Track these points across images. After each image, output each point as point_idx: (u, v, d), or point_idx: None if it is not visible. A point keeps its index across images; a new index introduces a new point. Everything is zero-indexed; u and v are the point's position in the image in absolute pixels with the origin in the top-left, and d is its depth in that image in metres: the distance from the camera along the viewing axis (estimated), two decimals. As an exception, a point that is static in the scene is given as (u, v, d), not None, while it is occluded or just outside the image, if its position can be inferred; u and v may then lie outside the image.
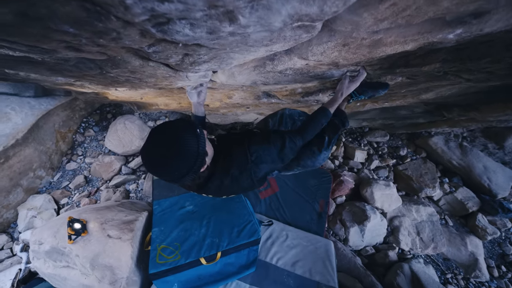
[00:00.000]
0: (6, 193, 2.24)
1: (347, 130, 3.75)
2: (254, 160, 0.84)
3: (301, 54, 0.70)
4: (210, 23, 0.39)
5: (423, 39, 0.59)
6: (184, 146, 0.62)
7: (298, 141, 0.93)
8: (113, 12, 0.34)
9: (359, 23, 0.50)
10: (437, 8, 0.45)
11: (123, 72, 0.72)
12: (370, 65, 0.86)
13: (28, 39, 0.39)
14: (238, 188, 0.93)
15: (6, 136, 2.19)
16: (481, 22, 0.52)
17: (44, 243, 1.54)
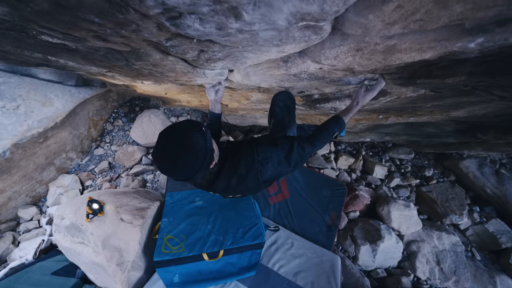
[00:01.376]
0: (41, 170, 2.49)
1: (368, 144, 3.59)
2: (261, 160, 0.84)
3: (314, 58, 0.70)
4: (217, 18, 0.42)
5: (441, 47, 0.55)
6: (193, 143, 0.64)
7: (307, 148, 0.91)
8: (131, 4, 0.38)
9: (367, 26, 0.49)
10: (450, 13, 0.42)
11: (146, 65, 0.78)
12: (388, 74, 0.83)
13: (62, 26, 0.45)
14: (245, 188, 0.93)
15: (47, 118, 2.44)
16: (506, 31, 0.48)
17: (65, 219, 1.68)
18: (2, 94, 2.28)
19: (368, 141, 3.34)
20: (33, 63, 0.94)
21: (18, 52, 0.74)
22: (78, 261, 1.69)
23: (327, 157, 3.27)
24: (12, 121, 2.24)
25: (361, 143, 3.56)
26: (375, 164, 3.15)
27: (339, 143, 3.54)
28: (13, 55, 0.77)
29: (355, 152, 3.48)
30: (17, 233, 2.25)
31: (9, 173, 2.23)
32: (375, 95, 0.93)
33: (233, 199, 2.14)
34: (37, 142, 2.39)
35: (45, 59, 0.82)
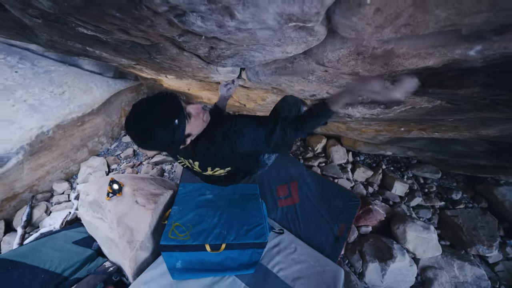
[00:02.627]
0: (76, 150, 2.79)
1: (390, 158, 3.41)
2: (237, 130, 0.84)
3: (317, 60, 0.72)
4: (215, 16, 0.47)
5: (440, 54, 0.53)
6: (155, 134, 0.67)
7: (290, 133, 0.88)
8: (143, 2, 0.45)
9: (357, 28, 0.49)
10: (434, 18, 0.41)
11: (165, 59, 0.87)
12: (397, 81, 0.81)
13: (92, 19, 0.55)
14: (222, 157, 0.92)
15: (86, 105, 2.74)
16: (504, 39, 0.45)
17: (89, 195, 1.86)
18: (52, 80, 2.60)
19: (389, 154, 3.17)
20: (75, 53, 1.09)
21: (63, 42, 0.88)
22: (95, 234, 1.86)
23: (344, 167, 3.18)
24: (57, 105, 2.54)
25: (382, 156, 3.39)
26: (395, 180, 2.98)
27: (358, 154, 3.41)
28: (59, 45, 0.91)
29: (374, 165, 3.33)
30: (50, 203, 2.54)
31: (49, 150, 2.53)
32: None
33: (241, 197, 2.19)
34: (76, 125, 2.68)
35: (84, 49, 0.95)
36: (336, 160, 3.19)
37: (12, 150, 2.25)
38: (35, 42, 0.99)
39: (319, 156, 3.27)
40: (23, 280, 1.50)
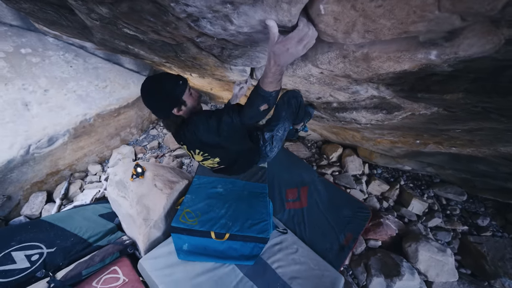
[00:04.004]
0: (110, 138, 3.16)
1: (410, 174, 3.26)
2: (195, 120, 0.97)
3: (312, 61, 0.82)
4: (220, 22, 0.61)
5: (408, 58, 0.60)
6: (164, 86, 0.88)
7: (235, 118, 0.90)
8: (170, 10, 0.60)
9: (328, 33, 0.59)
10: (382, 26, 0.49)
11: (188, 57, 1.05)
12: (389, 85, 0.87)
13: (134, 22, 0.73)
14: (199, 140, 1.01)
15: (123, 99, 3.11)
16: (453, 45, 0.51)
17: (117, 175, 2.13)
18: (98, 75, 3.02)
19: (408, 170, 3.06)
20: (119, 50, 1.33)
21: (111, 40, 1.10)
22: (118, 211, 2.10)
23: (358, 178, 3.13)
24: (100, 96, 2.94)
25: (401, 172, 3.27)
26: (413, 197, 2.86)
27: (375, 167, 3.33)
28: (108, 42, 1.14)
29: (392, 179, 3.22)
30: (84, 182, 2.90)
31: (89, 135, 2.92)
32: (296, 50, 0.63)
33: (249, 195, 2.31)
34: (112, 115, 3.05)
35: (126, 47, 1.17)
36: (350, 170, 3.16)
37: (60, 132, 2.65)
38: (90, 40, 1.24)
39: (333, 164, 3.27)
40: (56, 240, 1.77)
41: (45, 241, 1.73)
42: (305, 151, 3.40)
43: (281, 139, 1.34)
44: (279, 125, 1.27)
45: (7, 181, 2.45)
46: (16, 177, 2.50)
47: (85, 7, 0.71)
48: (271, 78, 0.72)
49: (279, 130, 1.28)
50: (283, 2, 0.49)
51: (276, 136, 1.30)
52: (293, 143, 3.43)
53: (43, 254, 1.66)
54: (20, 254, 1.61)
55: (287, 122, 1.26)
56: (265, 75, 0.72)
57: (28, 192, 2.63)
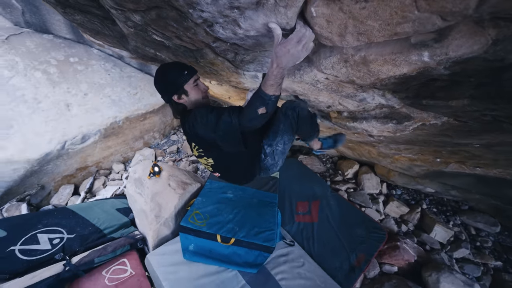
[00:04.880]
0: (134, 140, 3.41)
1: (434, 198, 3.04)
2: (195, 113, 1.00)
3: (317, 66, 0.87)
4: (230, 26, 0.69)
5: (402, 60, 0.62)
6: (167, 73, 0.96)
7: (234, 118, 0.91)
8: (189, 16, 0.71)
9: (326, 36, 0.64)
10: (371, 27, 0.53)
11: (206, 63, 1.16)
12: (395, 92, 0.88)
13: (161, 28, 0.85)
14: (193, 130, 1.03)
15: (150, 105, 3.38)
16: (443, 46, 0.52)
17: (136, 173, 2.28)
18: (131, 83, 3.34)
19: (431, 192, 2.86)
20: (149, 57, 1.51)
21: (143, 48, 1.27)
22: (133, 206, 2.23)
23: (375, 198, 2.99)
24: (130, 102, 3.23)
25: (424, 195, 3.06)
26: (436, 223, 2.65)
27: (394, 187, 3.17)
28: (140, 50, 1.31)
29: (413, 202, 3.02)
30: (107, 179, 3.12)
31: (116, 136, 3.19)
32: (296, 51, 0.68)
33: (258, 203, 2.32)
34: (139, 119, 3.32)
35: (154, 54, 1.33)
36: (367, 188, 3.04)
37: (93, 131, 2.93)
38: (126, 48, 1.43)
39: (348, 181, 3.17)
40: (76, 227, 1.91)
41: (66, 227, 1.88)
42: (320, 166, 3.35)
43: (283, 153, 1.28)
44: (277, 138, 1.22)
45: (43, 172, 2.73)
46: (51, 169, 2.78)
47: (123, 16, 0.86)
48: (272, 80, 0.76)
49: (279, 144, 1.23)
50: (280, 6, 0.57)
51: (277, 150, 1.25)
52: (307, 156, 3.41)
53: (63, 239, 1.80)
54: (44, 237, 1.77)
55: (286, 135, 1.20)
56: (267, 77, 0.76)
57: (59, 183, 2.90)
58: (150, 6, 0.72)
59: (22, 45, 2.95)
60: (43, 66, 2.95)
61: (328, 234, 2.41)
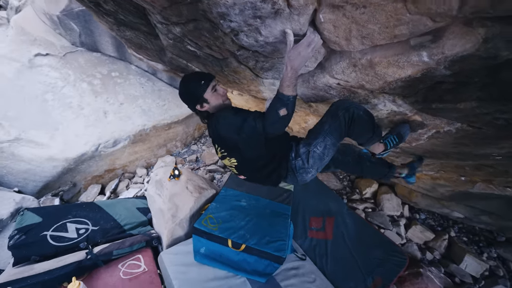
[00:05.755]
0: (158, 147, 3.66)
1: (464, 226, 2.80)
2: (217, 116, 1.09)
3: (329, 72, 0.96)
4: (252, 34, 0.82)
5: (404, 61, 0.67)
6: (188, 86, 1.09)
7: (258, 124, 0.95)
8: (219, 26, 0.86)
9: (333, 41, 0.72)
10: (372, 30, 0.60)
11: (230, 71, 1.31)
12: (404, 96, 0.92)
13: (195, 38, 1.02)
14: (215, 132, 1.12)
15: (175, 116, 3.66)
16: (439, 46, 0.57)
17: (158, 175, 2.45)
18: (161, 96, 3.68)
19: (459, 218, 2.65)
20: (180, 69, 1.72)
21: (177, 59, 1.47)
22: (152, 207, 2.36)
23: (395, 220, 2.84)
24: (158, 112, 3.53)
25: (452, 222, 2.84)
26: (467, 253, 2.42)
27: (417, 211, 2.99)
28: (174, 61, 1.51)
29: (439, 228, 2.81)
30: (130, 182, 3.34)
31: (143, 142, 3.45)
32: (306, 53, 0.78)
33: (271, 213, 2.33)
34: (164, 129, 3.59)
35: (186, 65, 1.53)
36: (386, 209, 2.90)
37: (123, 136, 3.22)
38: (163, 60, 1.66)
39: (366, 200, 3.06)
40: (100, 221, 2.06)
41: (92, 220, 2.04)
42: (336, 183, 3.29)
43: (321, 158, 1.13)
44: (318, 139, 1.10)
45: (76, 171, 3.01)
46: (84, 169, 3.07)
47: (166, 29, 1.04)
48: (288, 81, 0.84)
49: (318, 145, 1.10)
50: (294, 14, 0.69)
51: (314, 152, 1.11)
52: (323, 172, 3.38)
53: (88, 229, 1.95)
54: (72, 226, 1.93)
55: (329, 138, 1.08)
56: (283, 79, 0.85)
57: (88, 183, 3.16)
58: (189, 19, 0.89)
59: (75, 61, 3.45)
60: (89, 78, 3.40)
61: (343, 253, 2.31)
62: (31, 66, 3.09)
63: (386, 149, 1.25)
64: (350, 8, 0.60)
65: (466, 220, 2.68)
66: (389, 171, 1.54)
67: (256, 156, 1.15)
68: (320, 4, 0.64)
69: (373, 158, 1.48)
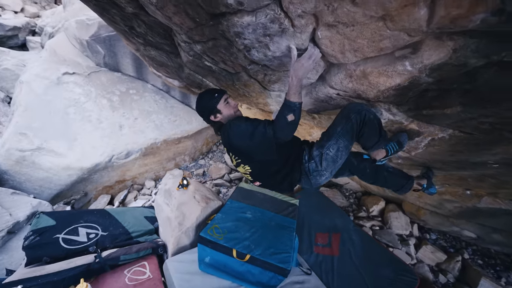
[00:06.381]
0: (167, 161, 3.79)
1: (478, 249, 2.70)
2: (230, 124, 1.19)
3: (329, 83, 1.09)
4: (262, 50, 0.97)
5: (392, 71, 0.79)
6: (203, 99, 1.22)
7: (268, 130, 1.03)
8: (234, 44, 1.01)
9: (330, 54, 0.86)
10: (361, 44, 0.73)
11: (241, 85, 1.47)
12: (397, 104, 1.02)
13: (212, 54, 1.19)
14: (228, 140, 1.20)
15: (185, 131, 3.85)
16: (418, 56, 0.69)
17: (167, 185, 2.54)
18: (173, 112, 3.91)
19: (472, 239, 2.57)
20: (195, 85, 1.91)
21: (193, 75, 1.66)
22: (159, 215, 2.42)
23: (404, 239, 2.78)
24: (169, 127, 3.74)
25: (465, 243, 2.75)
26: (482, 276, 2.33)
27: (428, 231, 2.92)
28: (191, 76, 1.70)
29: (452, 250, 2.72)
30: (139, 193, 3.43)
31: (153, 155, 3.60)
32: (308, 65, 0.90)
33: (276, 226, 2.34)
34: (174, 142, 3.76)
35: (201, 80, 1.71)
36: (395, 228, 2.85)
37: (135, 149, 3.39)
38: (180, 76, 1.85)
39: (373, 218, 3.02)
40: (109, 227, 2.13)
41: (102, 225, 2.11)
42: (342, 200, 3.29)
43: (334, 161, 1.17)
44: (331, 141, 1.14)
45: (89, 180, 3.15)
46: (96, 179, 3.20)
47: (188, 47, 1.22)
48: (294, 89, 0.95)
49: (331, 148, 1.14)
50: (297, 32, 0.84)
51: (327, 155, 1.15)
52: (329, 189, 3.40)
53: (98, 234, 2.01)
54: (83, 230, 2.01)
55: (342, 140, 1.12)
56: (289, 88, 0.96)
57: (99, 193, 3.27)
58: (210, 38, 1.06)
59: (98, 80, 3.78)
60: (109, 95, 3.69)
61: (350, 270, 2.26)
62: (59, 83, 3.41)
63: (387, 155, 1.29)
64: (342, 26, 0.74)
65: (479, 241, 2.60)
66: (407, 182, 1.52)
67: (269, 162, 1.22)
68: (318, 24, 0.79)
69: (373, 164, 1.47)
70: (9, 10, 6.57)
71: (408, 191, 1.47)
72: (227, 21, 0.87)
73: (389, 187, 1.51)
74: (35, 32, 6.34)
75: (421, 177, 1.65)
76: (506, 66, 0.62)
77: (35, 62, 3.53)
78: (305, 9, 0.71)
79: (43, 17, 6.65)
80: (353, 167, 1.52)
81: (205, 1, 0.80)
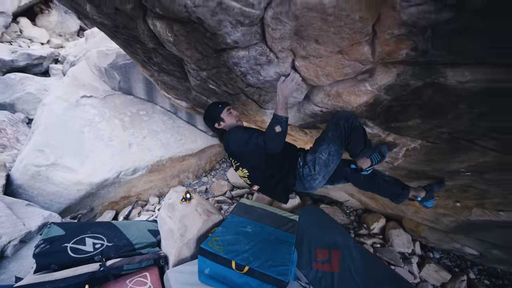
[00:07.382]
0: (171, 178, 3.98)
1: (484, 268, 2.67)
2: (229, 132, 1.39)
3: (313, 101, 1.30)
4: (255, 75, 1.21)
5: (357, 90, 0.99)
6: (209, 110, 1.45)
7: (260, 141, 1.21)
8: (233, 70, 1.26)
9: (309, 79, 1.08)
10: (329, 71, 0.94)
11: (240, 104, 1.70)
12: (372, 119, 1.21)
13: (215, 78, 1.43)
14: (227, 145, 1.38)
15: (190, 149, 4.08)
16: (374, 79, 0.89)
17: (171, 199, 2.70)
18: (179, 131, 4.19)
19: (474, 256, 2.57)
20: (201, 105, 2.17)
21: (200, 97, 1.92)
22: (162, 229, 2.54)
23: (406, 257, 2.79)
24: (175, 146, 3.98)
25: (470, 263, 2.73)
26: (488, 296, 2.30)
27: (431, 250, 2.93)
28: (198, 98, 1.96)
29: (456, 269, 2.70)
30: (143, 209, 3.57)
31: (159, 172, 3.80)
32: (291, 86, 1.11)
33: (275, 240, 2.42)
34: (179, 160, 3.97)
35: (206, 101, 1.97)
36: (396, 246, 2.88)
37: (142, 166, 3.60)
38: (188, 98, 2.12)
39: (374, 236, 3.05)
40: (114, 238, 2.26)
41: (108, 236, 2.24)
42: (342, 217, 3.34)
43: (326, 165, 1.27)
44: (322, 146, 1.25)
45: (96, 195, 3.33)
46: (103, 194, 3.38)
47: (196, 73, 1.49)
48: (280, 105, 1.16)
49: (323, 151, 1.25)
50: (280, 62, 1.08)
51: (319, 159, 1.25)
52: (329, 206, 3.46)
53: (103, 245, 2.14)
54: (90, 241, 2.14)
55: (333, 145, 1.24)
56: (277, 105, 1.18)
57: (105, 208, 3.43)
58: (213, 66, 1.32)
59: (112, 102, 4.15)
60: (121, 116, 4.02)
61: (350, 287, 2.27)
62: (77, 105, 3.78)
63: (372, 165, 1.37)
64: (313, 58, 0.97)
65: (483, 260, 2.59)
66: (402, 192, 1.56)
67: (262, 167, 1.37)
68: (295, 56, 1.03)
69: (358, 172, 1.55)
70: (37, 42, 7.40)
71: (404, 200, 1.56)
72: (227, 54, 1.13)
73: (384, 195, 1.61)
74: (57, 61, 7.03)
75: (421, 188, 1.70)
76: (439, 86, 0.82)
77: (58, 87, 3.95)
78: (284, 46, 0.95)
79: (66, 48, 7.44)
80: (348, 174, 1.61)
81: (210, 40, 1.06)
